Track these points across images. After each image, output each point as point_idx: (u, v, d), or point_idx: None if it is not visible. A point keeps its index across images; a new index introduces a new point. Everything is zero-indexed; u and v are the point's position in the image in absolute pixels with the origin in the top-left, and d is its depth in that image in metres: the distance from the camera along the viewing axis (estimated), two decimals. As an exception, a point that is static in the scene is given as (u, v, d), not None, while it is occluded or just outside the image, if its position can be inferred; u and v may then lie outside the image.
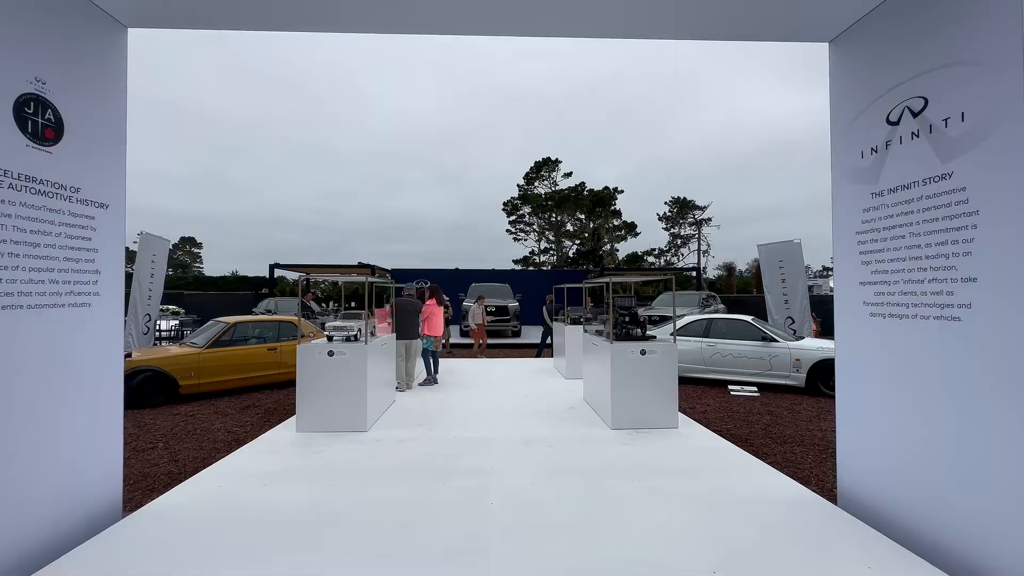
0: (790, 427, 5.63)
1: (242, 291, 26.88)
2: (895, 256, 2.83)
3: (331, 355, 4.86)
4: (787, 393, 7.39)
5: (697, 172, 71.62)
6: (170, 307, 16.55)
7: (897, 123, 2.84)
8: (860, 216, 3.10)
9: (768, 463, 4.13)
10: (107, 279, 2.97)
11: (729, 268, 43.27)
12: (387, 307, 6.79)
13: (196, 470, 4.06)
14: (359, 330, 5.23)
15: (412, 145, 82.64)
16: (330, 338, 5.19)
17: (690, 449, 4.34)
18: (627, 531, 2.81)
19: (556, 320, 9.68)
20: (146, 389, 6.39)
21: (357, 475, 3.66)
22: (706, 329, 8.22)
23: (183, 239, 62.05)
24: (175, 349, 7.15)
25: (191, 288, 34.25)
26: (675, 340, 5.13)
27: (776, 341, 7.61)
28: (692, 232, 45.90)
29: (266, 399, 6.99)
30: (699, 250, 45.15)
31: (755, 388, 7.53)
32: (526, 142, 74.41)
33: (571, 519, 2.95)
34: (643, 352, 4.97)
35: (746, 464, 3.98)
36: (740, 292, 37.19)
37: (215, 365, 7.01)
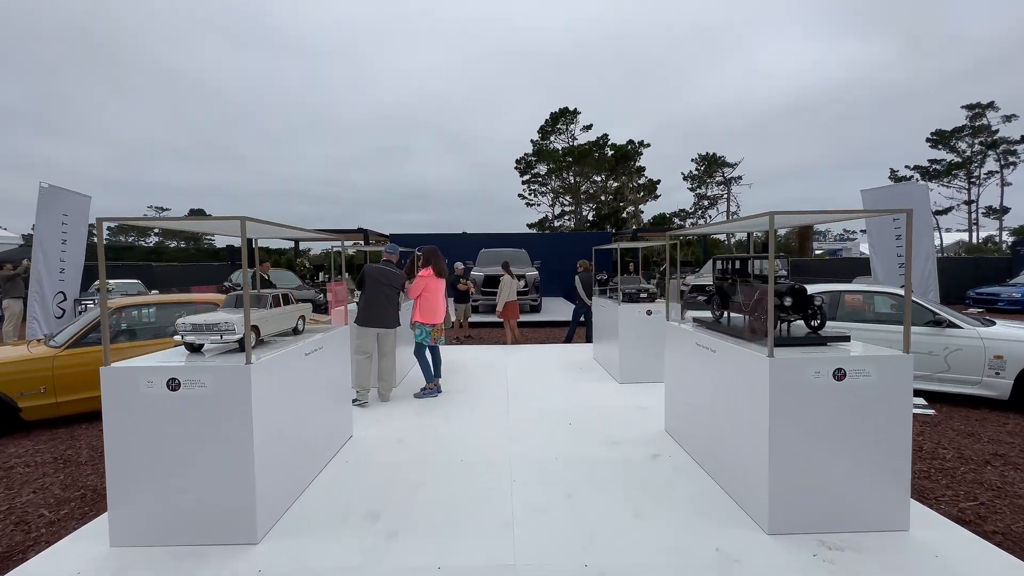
0: (1084, 502, 2.96)
1: (217, 262, 24.55)
2: None
3: (175, 388, 2.30)
4: (976, 407, 4.70)
5: (717, 131, 66.55)
6: (109, 282, 14.08)
7: None
8: None
9: None
10: None
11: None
12: (338, 280, 4.15)
13: None
14: (240, 331, 2.57)
15: (419, 111, 78.52)
16: (192, 347, 2.61)
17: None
18: None
19: (596, 294, 6.99)
20: (-50, 419, 3.96)
21: None
22: (832, 309, 5.46)
23: (192, 211, 60.36)
24: (14, 351, 4.67)
25: (198, 260, 32.33)
26: (908, 349, 2.42)
27: (958, 327, 4.84)
28: (720, 192, 42.21)
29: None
30: (728, 211, 41.46)
31: (924, 401, 4.84)
32: (538, 99, 69.88)
33: None
34: (840, 375, 2.31)
35: None
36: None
37: (81, 373, 4.51)
